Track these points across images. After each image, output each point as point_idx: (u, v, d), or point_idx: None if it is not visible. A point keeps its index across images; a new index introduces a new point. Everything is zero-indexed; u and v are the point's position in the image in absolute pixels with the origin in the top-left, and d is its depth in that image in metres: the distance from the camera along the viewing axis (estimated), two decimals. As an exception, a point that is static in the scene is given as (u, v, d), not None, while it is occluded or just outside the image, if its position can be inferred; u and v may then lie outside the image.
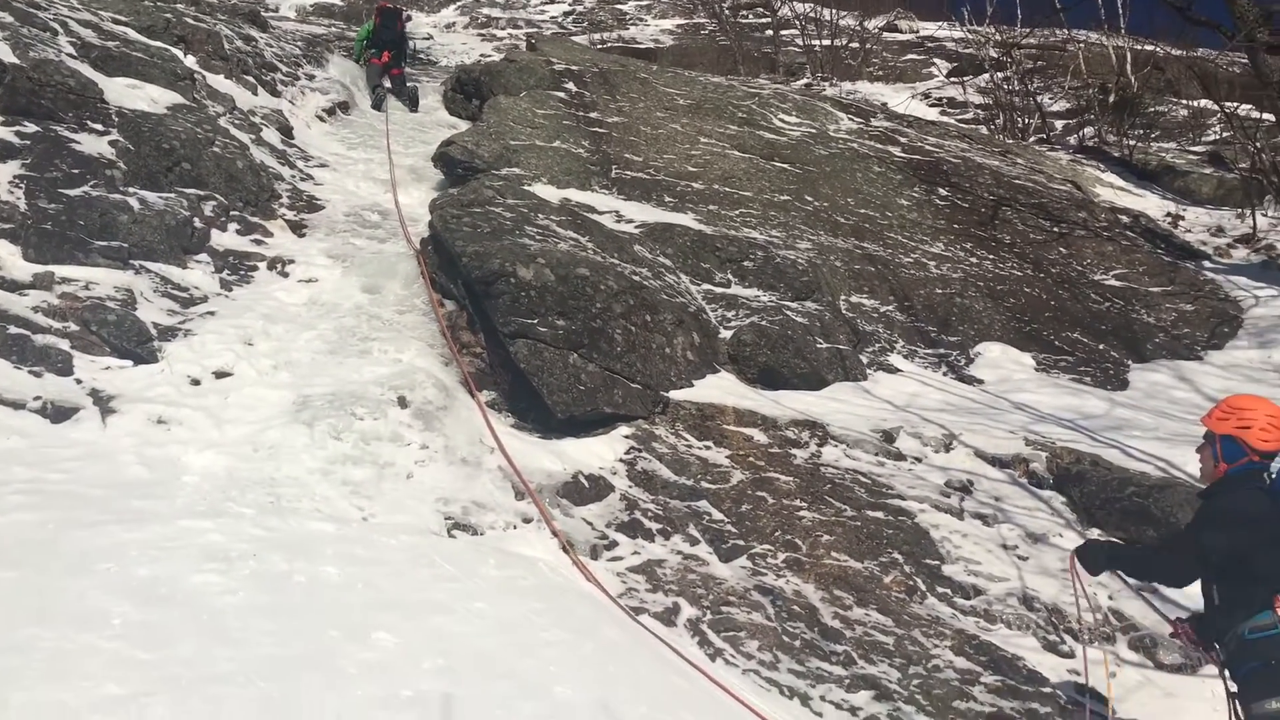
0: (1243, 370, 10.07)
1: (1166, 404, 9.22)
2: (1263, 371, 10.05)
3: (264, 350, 7.18)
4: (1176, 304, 11.39)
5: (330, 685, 4.20)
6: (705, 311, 8.96)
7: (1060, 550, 6.85)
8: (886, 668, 5.82)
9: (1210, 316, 11.18)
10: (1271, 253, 12.87)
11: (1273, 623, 4.35)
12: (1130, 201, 14.90)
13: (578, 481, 6.88)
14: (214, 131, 9.52)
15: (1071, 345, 10.35)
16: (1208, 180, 15.46)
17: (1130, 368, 10.15)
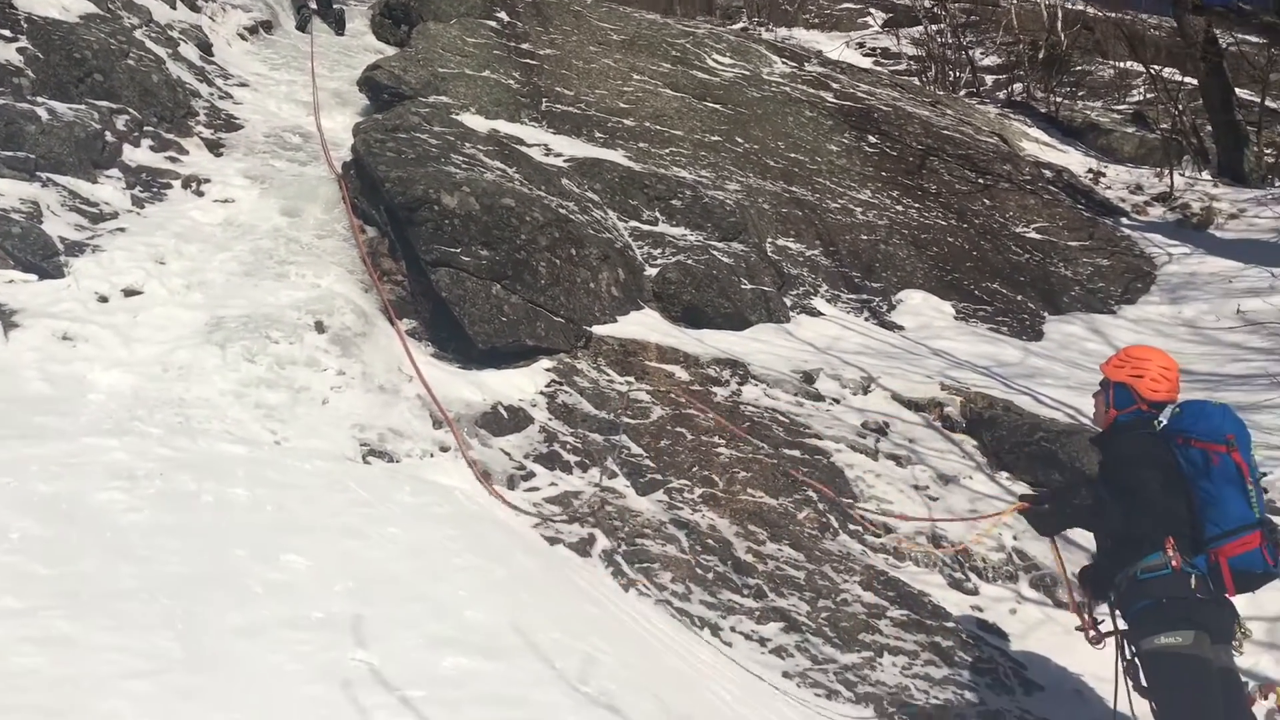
0: (1153, 324, 10.34)
1: (1079, 355, 9.44)
2: (1172, 326, 10.33)
3: (176, 270, 6.98)
4: (1093, 258, 11.62)
5: (237, 604, 4.15)
6: (631, 248, 8.93)
7: (970, 492, 7.01)
8: (796, 601, 5.92)
9: (1125, 272, 11.43)
10: (1186, 211, 13.18)
11: (1163, 563, 4.49)
12: (1054, 157, 15.13)
13: (497, 412, 6.85)
14: (129, 44, 9.16)
15: (991, 295, 10.52)
16: (1129, 139, 15.75)
17: (1046, 319, 10.37)
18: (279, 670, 3.80)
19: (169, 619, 3.92)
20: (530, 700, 4.04)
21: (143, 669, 3.60)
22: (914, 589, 6.14)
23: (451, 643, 4.28)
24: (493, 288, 7.47)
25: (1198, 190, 13.84)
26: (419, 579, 4.79)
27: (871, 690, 5.41)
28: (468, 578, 4.95)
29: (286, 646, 3.95)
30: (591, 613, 5.10)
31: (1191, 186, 13.99)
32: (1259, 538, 4.40)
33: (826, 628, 5.77)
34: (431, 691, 3.90)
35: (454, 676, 4.06)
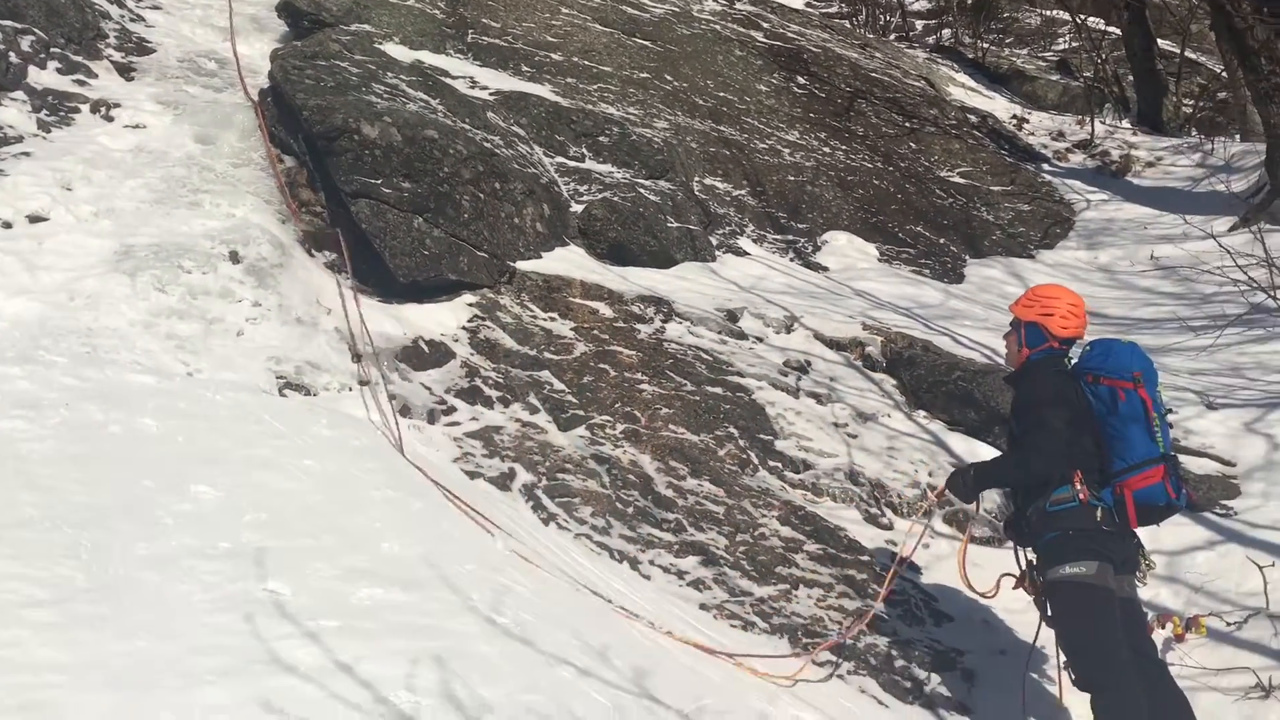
0: (1070, 269, 10.54)
1: (997, 297, 9.59)
2: (1088, 271, 10.54)
3: (84, 196, 6.75)
4: (1015, 203, 11.78)
5: (144, 535, 4.08)
6: (557, 184, 8.84)
7: (888, 430, 7.12)
8: (715, 535, 5.98)
9: (1045, 217, 11.62)
10: (1106, 159, 13.41)
11: (1071, 496, 4.61)
12: (980, 102, 15.25)
13: (418, 346, 6.77)
14: (33, -40, 8.75)
15: (914, 238, 10.63)
16: (1054, 87, 15.94)
17: (967, 262, 10.52)
18: (186, 600, 3.75)
19: (73, 548, 3.84)
20: (445, 630, 4.04)
21: (44, 598, 3.53)
22: (830, 524, 6.24)
23: (366, 574, 4.26)
24: (414, 220, 7.35)
25: (1117, 138, 14.08)
26: (334, 511, 4.74)
27: (786, 622, 5.50)
28: (384, 510, 4.92)
29: (194, 576, 3.90)
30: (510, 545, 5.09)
31: (1111, 134, 14.23)
32: (1162, 472, 4.52)
33: (744, 561, 5.84)
34: (344, 622, 3.88)
35: (368, 607, 4.04)
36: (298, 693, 3.40)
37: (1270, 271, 6.55)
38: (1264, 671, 4.88)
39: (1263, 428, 6.79)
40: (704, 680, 4.49)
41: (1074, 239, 11.39)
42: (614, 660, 4.26)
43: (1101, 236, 11.30)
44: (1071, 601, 4.55)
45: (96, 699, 3.15)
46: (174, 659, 3.41)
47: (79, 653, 3.32)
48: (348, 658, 3.62)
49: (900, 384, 7.64)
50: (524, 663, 3.99)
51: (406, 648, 3.81)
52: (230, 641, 3.57)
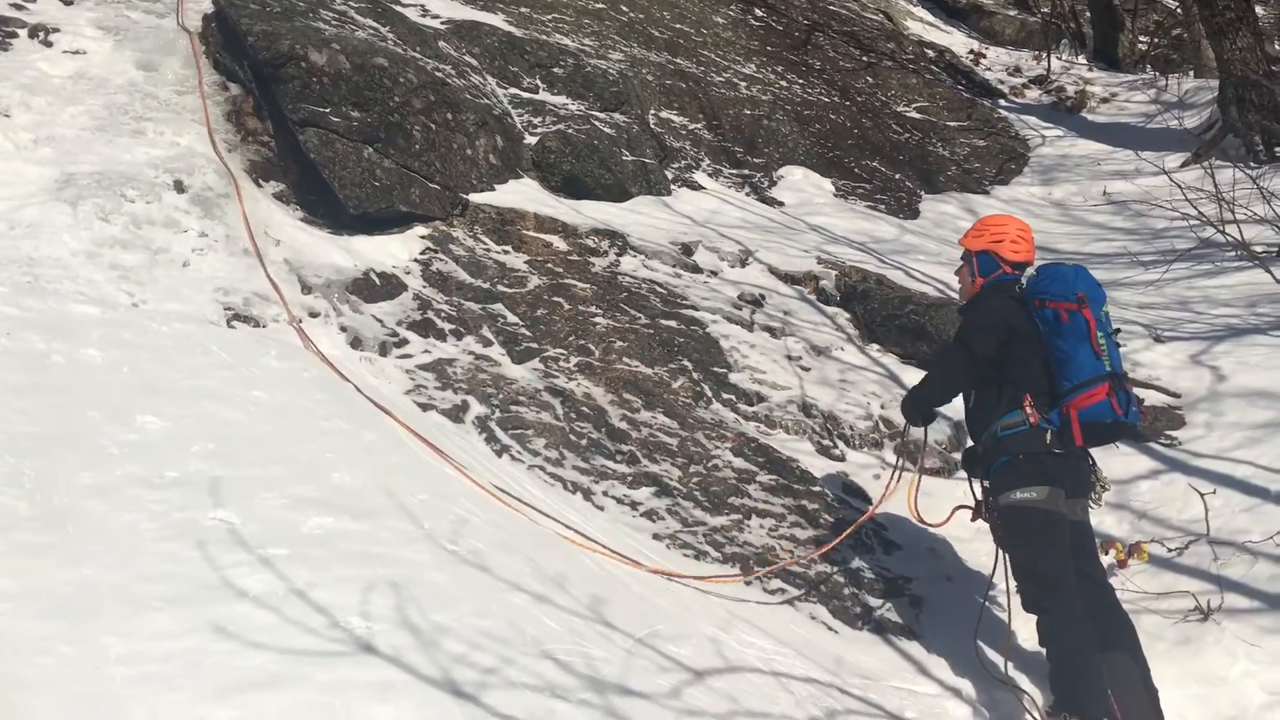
0: (1024, 205, 10.60)
1: (951, 233, 9.63)
2: (1042, 207, 10.61)
3: (23, 123, 6.55)
4: (971, 139, 11.81)
5: (89, 464, 4.03)
6: (511, 116, 8.71)
7: (841, 363, 7.16)
8: (669, 466, 6.01)
9: (1000, 153, 11.66)
10: (1061, 95, 13.45)
11: (1021, 420, 4.67)
12: (938, 37, 15.21)
13: (369, 279, 6.68)
14: (-38, -123, 8.41)
15: (870, 173, 10.63)
16: (1011, 22, 15.93)
17: (922, 198, 10.54)
18: (133, 528, 3.71)
19: (16, 477, 3.79)
20: (398, 558, 4.04)
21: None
22: (783, 455, 6.28)
23: (316, 503, 4.23)
24: (364, 151, 7.22)
25: (1074, 74, 14.11)
26: (283, 441, 4.70)
27: (739, 551, 5.56)
28: (335, 441, 4.87)
29: (141, 505, 3.86)
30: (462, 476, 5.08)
31: (1068, 70, 14.25)
32: (1106, 389, 4.58)
33: (697, 492, 5.88)
34: (295, 550, 3.86)
35: (318, 536, 4.02)
36: (250, 619, 3.39)
37: (1220, 207, 6.61)
38: (1203, 595, 5.01)
39: (1208, 360, 6.90)
40: (657, 608, 4.54)
41: (1029, 175, 11.45)
42: (569, 588, 4.28)
43: (1056, 172, 11.36)
44: (1020, 526, 4.63)
45: (41, 626, 3.12)
46: (120, 586, 3.38)
47: (22, 581, 3.28)
48: (300, 584, 3.62)
49: (854, 318, 7.67)
50: (478, 589, 4.00)
51: (359, 575, 3.81)
52: (179, 569, 3.55)
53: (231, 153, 7.06)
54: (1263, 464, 5.76)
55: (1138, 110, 12.97)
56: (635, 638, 4.07)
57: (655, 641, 4.10)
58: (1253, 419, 6.21)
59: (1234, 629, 4.83)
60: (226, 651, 3.21)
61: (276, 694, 3.08)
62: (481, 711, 3.22)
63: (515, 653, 3.61)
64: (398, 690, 3.22)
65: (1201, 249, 8.11)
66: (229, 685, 3.07)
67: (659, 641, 4.12)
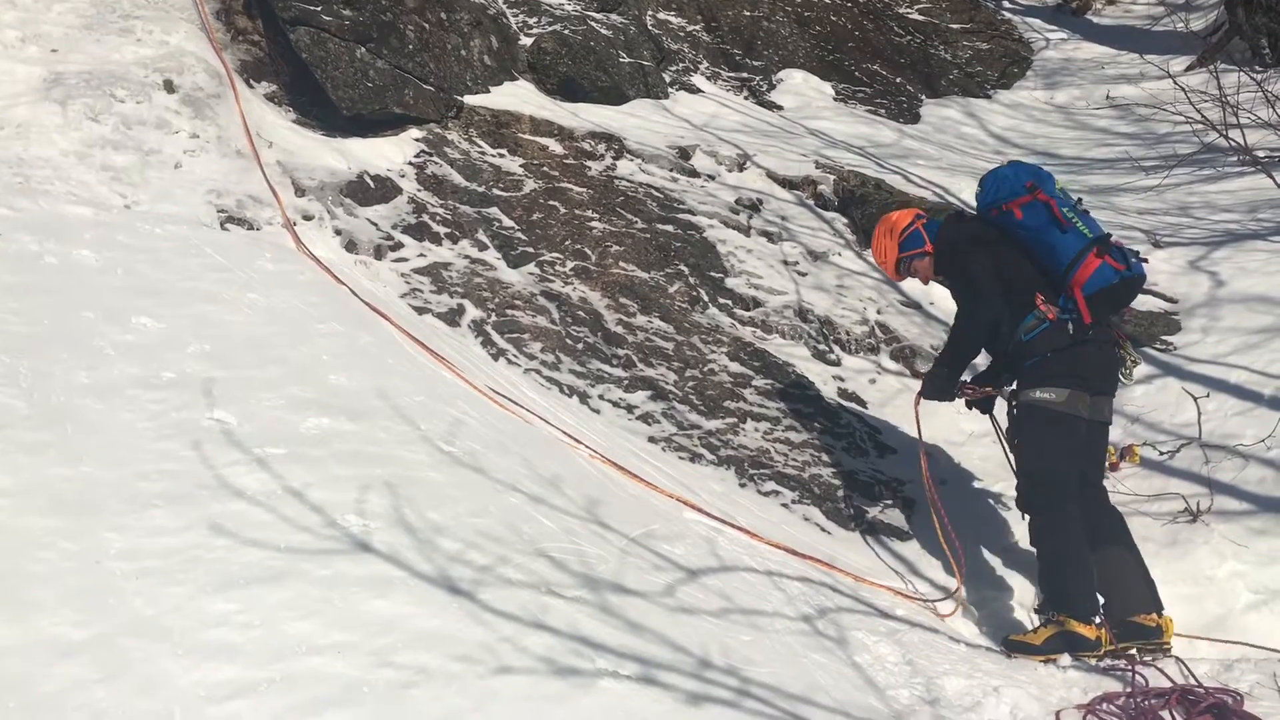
0: (1026, 109, 10.47)
1: (953, 138, 9.54)
2: (1045, 111, 10.48)
3: (9, 20, 6.40)
4: (973, 42, 11.60)
5: (85, 364, 4.04)
6: (505, 16, 8.54)
7: (839, 269, 7.14)
8: (664, 370, 6.03)
9: (1003, 56, 11.46)
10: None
11: (1040, 319, 4.65)
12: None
13: (363, 181, 6.62)
14: None
15: (871, 77, 10.46)
16: (1018, -78, 15.50)
17: (924, 102, 10.39)
18: (130, 427, 3.73)
19: (12, 376, 3.80)
20: (394, 458, 4.07)
21: (-17, 425, 3.50)
22: (779, 360, 6.30)
23: (313, 404, 4.26)
24: (357, 50, 7.10)
25: (1080, -24, 13.79)
26: (279, 343, 4.70)
27: (733, 454, 5.60)
28: (331, 343, 4.88)
29: (138, 405, 3.88)
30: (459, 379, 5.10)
31: (1075, -29, 13.92)
32: (1095, 253, 4.58)
33: (693, 396, 5.90)
34: (291, 449, 3.89)
35: (315, 436, 4.05)
36: (247, 517, 3.43)
37: (1224, 111, 6.52)
38: (1193, 498, 5.06)
39: (1206, 265, 6.88)
40: (652, 509, 4.58)
41: (1032, 78, 11.28)
42: (565, 489, 4.32)
43: (1059, 76, 11.19)
44: (1034, 425, 4.62)
45: (40, 522, 3.15)
46: (119, 484, 3.41)
47: (20, 477, 3.31)
48: (296, 484, 3.65)
49: (851, 223, 7.63)
50: (475, 489, 4.04)
51: (356, 474, 3.85)
52: (176, 468, 3.58)
53: (221, 51, 6.93)
54: (1257, 369, 5.77)
55: (1143, 12, 12.74)
56: (629, 537, 4.12)
57: (650, 541, 4.15)
58: (1249, 324, 6.21)
59: (1223, 530, 4.89)
60: (225, 547, 3.25)
61: (275, 588, 3.13)
62: (476, 607, 3.27)
63: (511, 551, 3.66)
64: (394, 586, 3.27)
65: (1204, 154, 8.03)
66: (228, 580, 3.12)
67: (653, 541, 4.17)
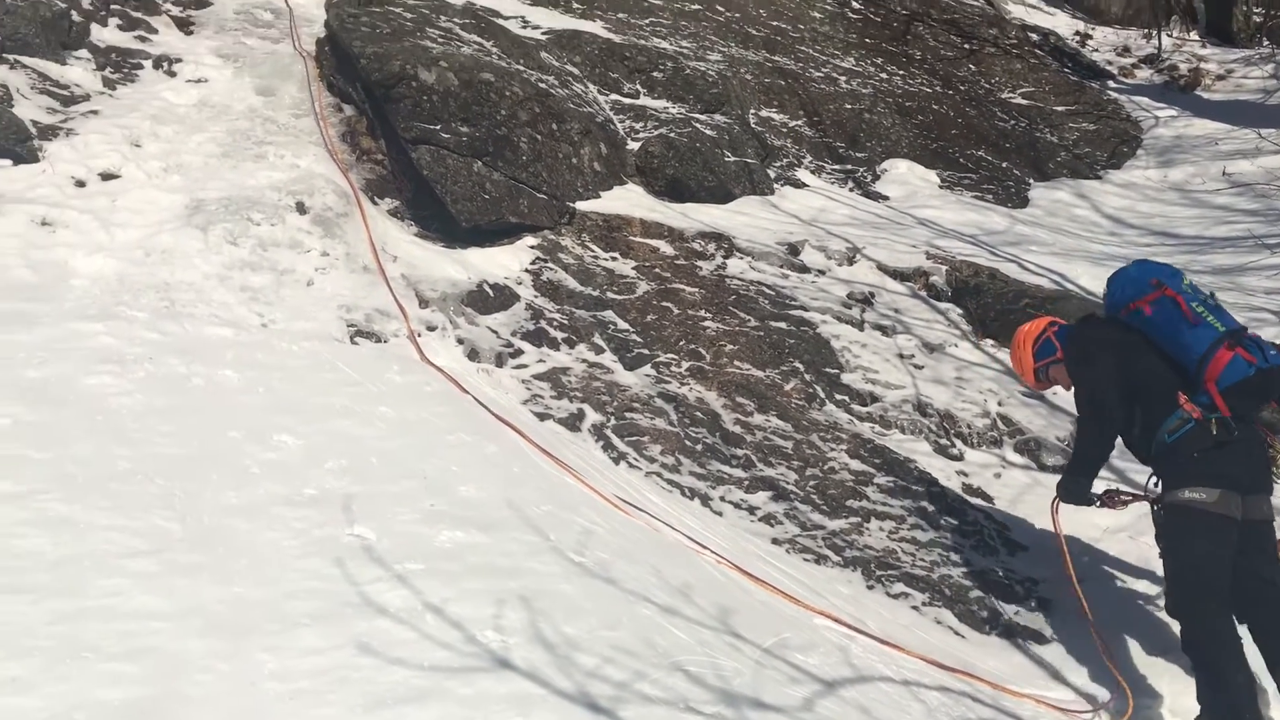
0: (1140, 189, 10.31)
1: (1066, 221, 9.43)
2: (1160, 190, 10.30)
3: (153, 152, 6.85)
4: (1080, 123, 11.51)
5: (232, 484, 4.21)
6: (613, 122, 8.79)
7: (956, 360, 7.06)
8: (784, 470, 6.01)
9: (1111, 136, 11.34)
10: (1174, 73, 13.02)
11: (1184, 418, 4.50)
12: (1041, 19, 14.85)
13: (482, 290, 6.82)
14: (86, -83, 8.80)
15: (976, 162, 10.44)
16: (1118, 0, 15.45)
17: (1032, 185, 10.32)
18: (276, 546, 3.87)
19: (166, 499, 3.97)
20: (527, 570, 4.13)
21: (142, 548, 3.66)
22: (900, 456, 6.23)
23: (446, 517, 4.36)
24: (474, 165, 7.37)
25: (1185, 51, 13.65)
26: (411, 456, 4.84)
27: (859, 554, 5.53)
28: (459, 454, 5.00)
29: (283, 523, 4.02)
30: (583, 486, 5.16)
31: (1179, 48, 13.79)
32: (1228, 346, 4.44)
33: (814, 495, 5.87)
34: (429, 565, 3.98)
35: (450, 550, 4.14)
36: (390, 634, 3.51)
37: (1350, 186, 6.35)
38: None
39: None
40: (782, 616, 4.55)
41: (1143, 157, 11.12)
42: (695, 597, 4.32)
43: (1172, 154, 11.01)
44: (1180, 526, 4.45)
45: (198, 644, 3.27)
46: (269, 604, 3.53)
47: (178, 600, 3.45)
48: (435, 599, 3.73)
49: (967, 313, 7.55)
50: (607, 601, 4.07)
51: (491, 588, 3.91)
52: (322, 586, 3.69)
53: (348, 172, 7.26)
54: None
55: (1256, 86, 12.50)
56: (763, 647, 4.10)
57: (783, 651, 4.12)
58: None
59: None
60: (372, 666, 3.33)
61: (421, 709, 3.18)
62: (618, 725, 3.28)
63: (647, 665, 3.66)
64: (536, 704, 3.30)
65: (1332, 230, 7.80)
66: (377, 700, 3.18)
67: (787, 651, 4.13)
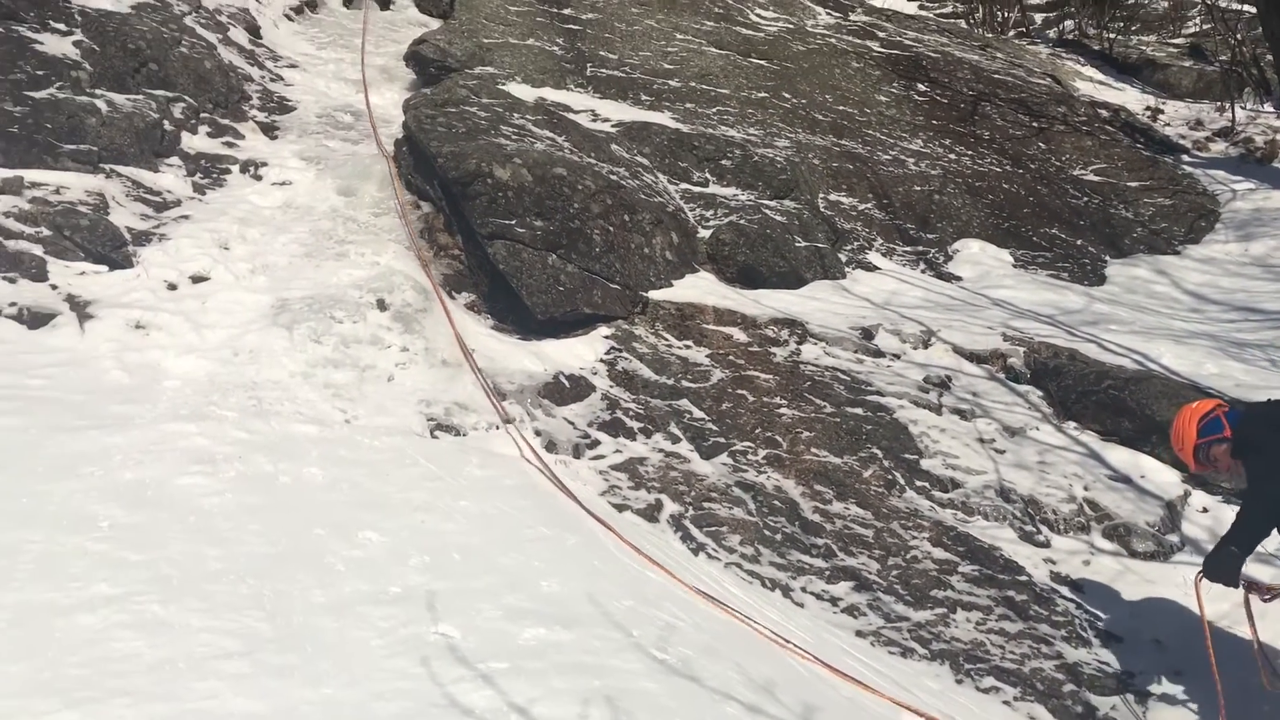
0: (1220, 264, 10.13)
1: (1145, 298, 9.28)
2: (1240, 264, 10.12)
3: (240, 254, 7.11)
4: (1155, 198, 11.39)
5: (320, 582, 4.27)
6: (684, 211, 8.91)
7: (1038, 444, 6.94)
8: (866, 559, 5.93)
9: (1188, 211, 11.19)
10: (1250, 146, 12.85)
11: None
12: (1110, 95, 14.78)
13: (559, 382, 6.90)
14: (180, 31, 9.26)
15: (1050, 241, 10.36)
16: (1188, 73, 15.33)
17: (1108, 263, 10.19)
18: (363, 645, 3.90)
19: (257, 599, 4.04)
20: (610, 668, 4.11)
21: (235, 649, 3.72)
22: (984, 543, 6.12)
23: (529, 614, 4.37)
24: (549, 258, 7.51)
25: (1260, 123, 13.47)
26: (492, 550, 4.88)
27: (946, 647, 5.42)
28: (540, 548, 5.03)
29: (370, 622, 4.06)
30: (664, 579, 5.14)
31: (1254, 120, 13.61)
32: None
33: (898, 585, 5.78)
34: (513, 663, 3.98)
35: (534, 647, 4.14)
36: (477, 736, 3.51)
37: None
38: None
39: None
40: (869, 713, 4.46)
41: (1222, 231, 10.94)
42: (779, 695, 4.26)
43: (1252, 227, 10.82)
44: None
45: (292, 747, 3.30)
46: (359, 704, 3.55)
47: (272, 702, 3.49)
48: (521, 700, 3.72)
49: (1047, 395, 7.44)
50: (691, 699, 4.03)
51: (575, 687, 3.90)
52: (409, 686, 3.71)
53: (428, 268, 7.44)
54: None
55: (1336, 155, 12.28)
56: (851, 746, 4.01)
57: (872, 750, 4.03)
58: None
59: None
60: (460, 769, 3.33)
61: (510, 812, 3.16)
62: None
63: (734, 766, 3.61)
64: (624, 807, 3.27)
65: None
66: (465, 804, 3.18)
67: (876, 750, 4.05)
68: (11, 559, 3.94)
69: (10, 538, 4.07)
